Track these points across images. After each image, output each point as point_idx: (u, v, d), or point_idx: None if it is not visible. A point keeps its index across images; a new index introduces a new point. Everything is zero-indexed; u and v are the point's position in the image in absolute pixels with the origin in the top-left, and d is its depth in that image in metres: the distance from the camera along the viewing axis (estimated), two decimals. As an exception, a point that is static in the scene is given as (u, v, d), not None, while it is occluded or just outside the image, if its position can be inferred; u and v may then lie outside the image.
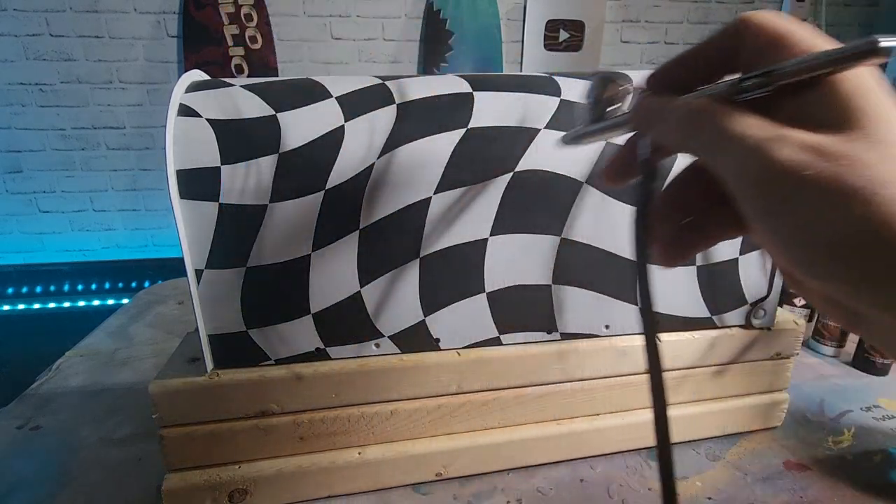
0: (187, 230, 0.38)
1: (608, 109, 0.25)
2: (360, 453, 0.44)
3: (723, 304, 0.48)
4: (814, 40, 0.18)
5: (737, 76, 0.19)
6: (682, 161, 0.23)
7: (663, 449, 0.21)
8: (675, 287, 0.46)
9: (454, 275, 0.42)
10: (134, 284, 2.03)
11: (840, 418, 0.57)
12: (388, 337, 0.43)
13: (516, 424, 0.47)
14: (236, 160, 0.38)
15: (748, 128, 0.18)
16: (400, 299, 0.42)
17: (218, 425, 0.41)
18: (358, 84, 0.42)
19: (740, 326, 0.49)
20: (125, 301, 0.93)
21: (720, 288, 0.48)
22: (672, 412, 0.20)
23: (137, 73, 1.97)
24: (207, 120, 0.38)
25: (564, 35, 2.13)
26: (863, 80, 0.17)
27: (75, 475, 0.48)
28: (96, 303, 1.99)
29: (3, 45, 1.87)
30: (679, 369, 0.49)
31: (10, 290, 1.97)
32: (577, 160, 0.41)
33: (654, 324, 0.22)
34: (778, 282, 0.48)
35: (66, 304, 1.98)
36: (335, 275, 0.41)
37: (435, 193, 0.40)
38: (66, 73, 1.93)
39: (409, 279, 0.42)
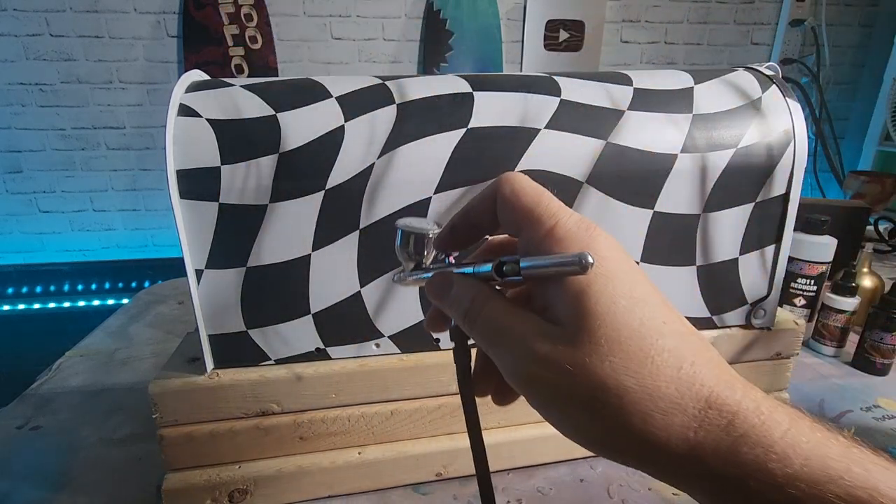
0: (187, 230, 0.38)
1: (424, 254, 0.27)
2: (360, 453, 0.44)
3: (723, 304, 0.48)
4: (553, 219, 0.20)
5: (498, 259, 0.22)
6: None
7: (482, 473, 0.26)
8: (675, 287, 0.46)
9: (454, 275, 0.42)
10: (134, 284, 2.02)
11: (840, 418, 0.57)
12: (388, 337, 0.43)
13: (516, 424, 0.47)
14: (236, 160, 0.38)
15: (510, 329, 0.21)
16: (400, 299, 0.42)
17: (218, 425, 0.41)
18: (358, 84, 0.42)
19: (740, 326, 0.49)
20: (125, 301, 0.93)
21: (720, 288, 0.48)
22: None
23: (137, 73, 1.97)
24: (207, 120, 0.38)
25: (564, 35, 2.13)
26: (590, 278, 0.19)
27: (75, 475, 0.48)
28: (96, 303, 1.98)
29: (3, 45, 1.86)
30: (679, 369, 0.48)
31: (10, 290, 1.97)
32: (577, 160, 0.41)
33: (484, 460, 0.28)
34: (778, 282, 0.48)
35: (66, 304, 1.98)
36: (335, 275, 0.41)
37: (435, 193, 0.40)
38: (66, 73, 1.93)
39: (409, 279, 0.42)
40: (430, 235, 0.25)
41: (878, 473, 0.16)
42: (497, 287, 0.23)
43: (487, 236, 0.25)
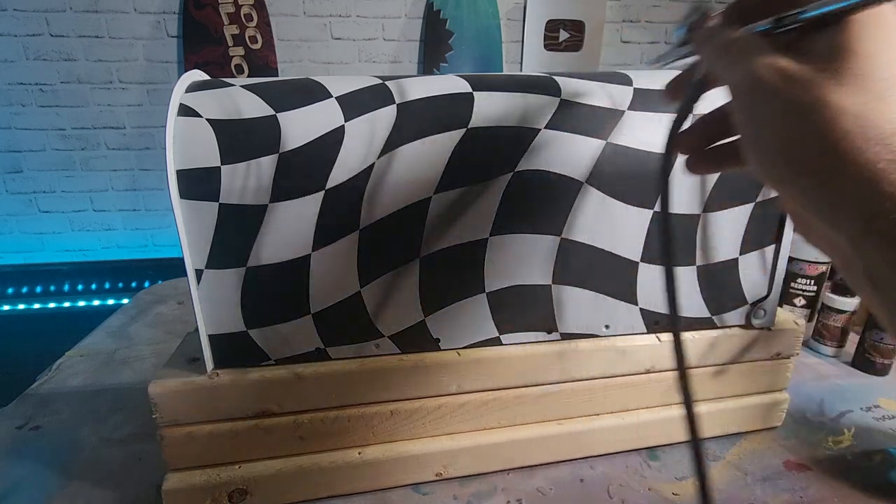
0: (187, 230, 0.38)
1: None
2: (360, 453, 0.44)
3: (723, 303, 0.48)
4: None
5: (781, 14, 0.22)
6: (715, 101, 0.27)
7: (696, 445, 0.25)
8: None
9: (454, 275, 0.42)
10: (134, 284, 2.02)
11: (840, 418, 0.57)
12: (388, 337, 0.43)
13: (516, 424, 0.47)
14: (236, 160, 0.38)
15: (754, 53, 0.22)
16: (400, 299, 0.42)
17: (218, 425, 0.41)
18: (358, 84, 0.42)
19: (740, 326, 0.49)
20: (125, 301, 0.93)
21: (720, 288, 0.48)
22: (672, 412, 0.21)
23: (137, 73, 1.97)
24: (207, 120, 0.38)
25: (564, 35, 2.13)
26: (871, 22, 0.20)
27: (75, 475, 0.48)
28: (96, 303, 1.98)
29: (3, 45, 1.86)
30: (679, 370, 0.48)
31: (10, 290, 1.97)
32: (577, 160, 0.41)
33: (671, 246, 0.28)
34: (778, 282, 0.48)
35: (66, 304, 1.98)
36: (335, 275, 0.41)
37: (435, 193, 0.40)
38: (66, 73, 1.93)
39: (409, 279, 0.42)
40: (715, 13, 0.27)
41: None
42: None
43: None
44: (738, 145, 0.26)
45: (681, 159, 0.30)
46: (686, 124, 0.28)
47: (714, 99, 0.27)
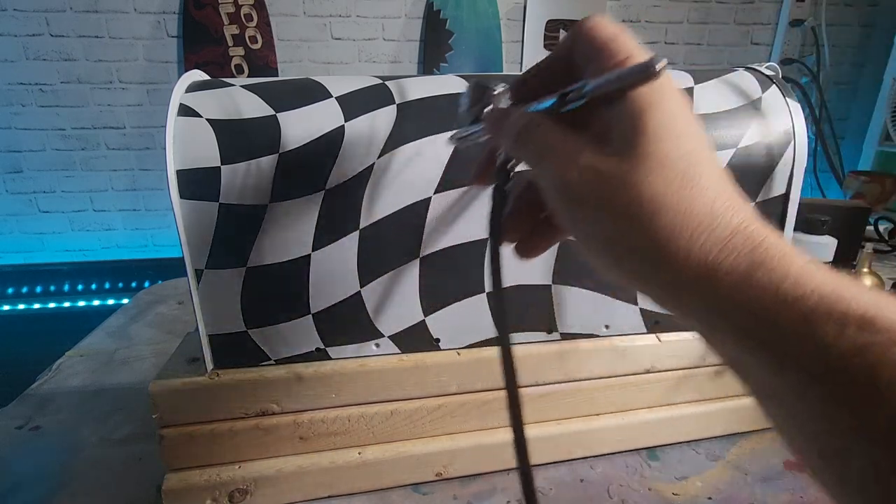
0: (187, 230, 0.38)
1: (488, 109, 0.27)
2: (360, 453, 0.44)
3: (723, 304, 0.48)
4: (627, 51, 0.20)
5: (562, 90, 0.22)
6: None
7: (523, 463, 0.25)
8: (675, 287, 0.46)
9: (454, 275, 0.42)
10: (134, 284, 2.02)
11: (840, 418, 0.57)
12: (388, 337, 0.43)
13: (516, 424, 0.47)
14: (236, 160, 0.38)
15: (556, 146, 0.21)
16: (400, 299, 0.42)
17: (218, 425, 0.41)
18: (358, 84, 0.42)
19: (740, 326, 0.49)
20: (125, 301, 0.93)
21: (720, 288, 0.47)
22: (672, 412, 0.21)
23: (137, 73, 1.97)
24: (207, 120, 0.38)
25: (564, 35, 2.13)
26: (651, 96, 0.20)
27: (75, 475, 0.48)
28: (96, 303, 1.98)
29: (3, 45, 1.87)
30: (679, 369, 0.49)
31: (10, 290, 1.97)
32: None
33: (505, 320, 0.27)
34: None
35: (66, 304, 1.98)
36: (335, 275, 0.41)
37: (435, 193, 0.40)
38: (66, 73, 1.93)
39: (409, 279, 0.42)
40: (499, 90, 0.26)
41: (889, 302, 0.16)
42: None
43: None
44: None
45: (509, 248, 0.28)
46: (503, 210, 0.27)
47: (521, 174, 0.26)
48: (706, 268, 0.18)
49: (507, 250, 0.27)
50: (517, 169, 0.26)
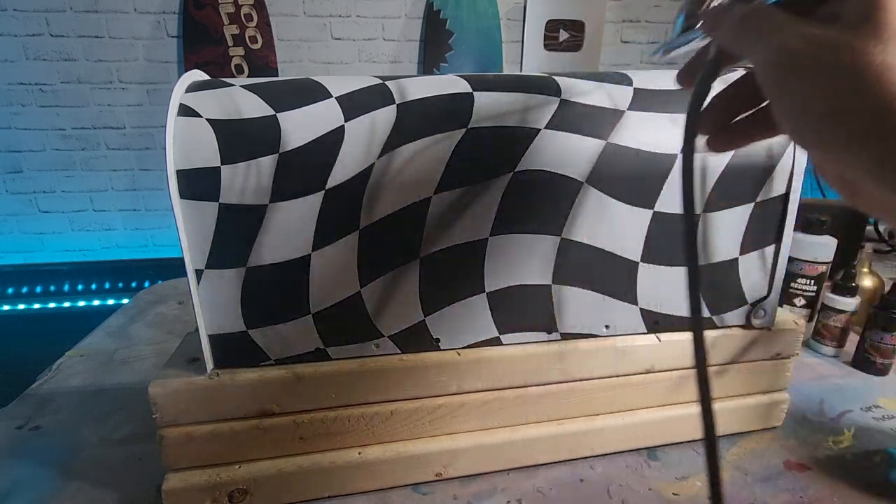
0: (187, 230, 0.38)
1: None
2: (360, 453, 0.44)
3: (723, 303, 0.48)
4: None
5: None
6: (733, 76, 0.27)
7: (710, 442, 0.25)
8: (675, 287, 0.46)
9: (454, 275, 0.42)
10: (134, 284, 2.02)
11: (840, 418, 0.57)
12: (388, 337, 0.43)
13: (516, 424, 0.47)
14: (236, 160, 0.38)
15: (779, 24, 0.21)
16: (400, 299, 0.42)
17: (218, 425, 0.41)
18: (358, 84, 0.42)
19: (740, 326, 0.49)
20: (125, 301, 0.93)
21: (720, 288, 0.48)
22: (672, 412, 0.21)
23: (137, 73, 1.97)
24: (207, 120, 0.38)
25: (564, 35, 2.13)
26: None
27: (75, 475, 0.48)
28: (96, 303, 1.98)
29: (3, 45, 1.86)
30: (679, 369, 0.49)
31: (10, 290, 1.97)
32: (577, 160, 0.41)
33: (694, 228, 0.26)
34: (778, 282, 0.48)
35: (66, 304, 1.98)
36: (335, 275, 0.41)
37: (435, 193, 0.40)
38: (66, 73, 1.93)
39: (409, 279, 0.42)
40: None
41: None
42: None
43: None
44: (763, 116, 0.26)
45: (701, 140, 0.29)
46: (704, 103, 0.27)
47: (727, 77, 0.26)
48: None
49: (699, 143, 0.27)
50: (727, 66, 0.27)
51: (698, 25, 0.27)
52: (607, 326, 0.47)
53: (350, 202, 0.39)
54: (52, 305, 1.97)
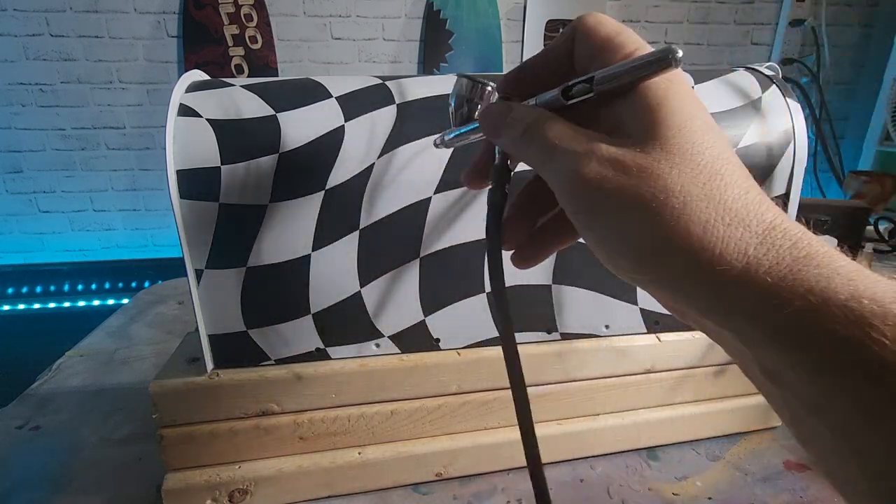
0: (187, 230, 0.38)
1: (476, 112, 0.25)
2: (360, 453, 0.44)
3: (723, 304, 0.48)
4: (635, 45, 0.20)
5: (565, 84, 0.21)
6: (528, 173, 0.24)
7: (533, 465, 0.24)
8: (675, 287, 0.46)
9: (454, 275, 0.42)
10: (134, 284, 2.02)
11: (840, 418, 0.57)
12: (388, 337, 0.43)
13: (516, 424, 0.47)
14: (236, 160, 0.38)
15: (568, 141, 0.19)
16: (400, 299, 0.42)
17: (218, 425, 0.41)
18: (358, 84, 0.42)
19: (740, 326, 0.49)
20: (125, 301, 0.93)
21: (720, 288, 0.47)
22: (672, 412, 0.21)
23: (137, 73, 1.97)
24: (207, 120, 0.38)
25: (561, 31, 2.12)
26: (667, 88, 0.18)
27: (75, 475, 0.48)
28: (96, 303, 1.98)
29: (3, 45, 1.87)
30: (679, 369, 0.49)
31: (10, 290, 1.97)
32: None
33: (509, 326, 0.25)
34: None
35: (66, 304, 1.98)
36: (335, 275, 0.41)
37: (435, 193, 0.40)
38: (66, 73, 1.93)
39: (409, 279, 0.42)
40: (490, 87, 0.24)
41: None
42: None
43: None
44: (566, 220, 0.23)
45: (507, 255, 0.26)
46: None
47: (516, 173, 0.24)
48: (746, 264, 0.16)
49: (505, 257, 0.25)
50: (516, 169, 0.25)
51: (474, 125, 0.25)
52: (607, 326, 0.47)
53: (350, 202, 0.39)
54: (52, 305, 1.97)
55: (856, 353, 0.14)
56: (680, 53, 0.17)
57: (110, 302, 1.98)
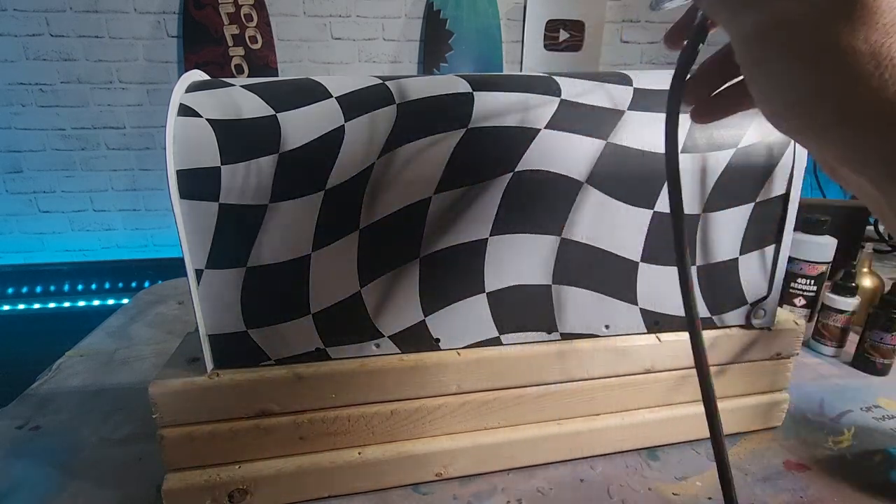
0: (187, 230, 0.38)
1: None
2: (360, 453, 0.44)
3: (723, 303, 0.48)
4: None
5: None
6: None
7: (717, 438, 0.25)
8: (675, 287, 0.46)
9: (454, 275, 0.42)
10: (134, 284, 2.02)
11: (840, 418, 0.57)
12: (388, 337, 0.43)
13: (516, 424, 0.47)
14: (236, 160, 0.38)
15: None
16: (400, 299, 0.42)
17: (218, 425, 0.41)
18: (358, 84, 0.42)
19: (740, 326, 0.49)
20: (125, 301, 0.93)
21: (720, 288, 0.48)
22: (672, 412, 0.21)
23: (137, 73, 1.97)
24: (207, 120, 0.38)
25: (564, 35, 2.13)
26: None
27: (75, 475, 0.48)
28: (96, 303, 1.98)
29: (3, 45, 1.86)
30: (679, 369, 0.49)
31: (10, 290, 1.97)
32: (577, 160, 0.41)
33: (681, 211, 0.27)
34: (778, 282, 0.48)
35: (66, 304, 1.98)
36: (335, 275, 0.41)
37: (435, 193, 0.40)
38: (66, 73, 1.93)
39: (409, 279, 0.42)
40: None
41: None
42: None
43: None
44: (744, 89, 0.25)
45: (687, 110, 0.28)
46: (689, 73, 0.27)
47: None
48: (891, 113, 0.17)
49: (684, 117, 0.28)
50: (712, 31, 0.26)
51: None
52: (607, 326, 0.47)
53: (350, 202, 0.39)
54: (52, 305, 1.97)
55: None
56: None
57: (110, 302, 1.98)
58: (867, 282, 0.76)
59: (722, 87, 0.27)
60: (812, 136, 0.20)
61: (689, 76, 0.27)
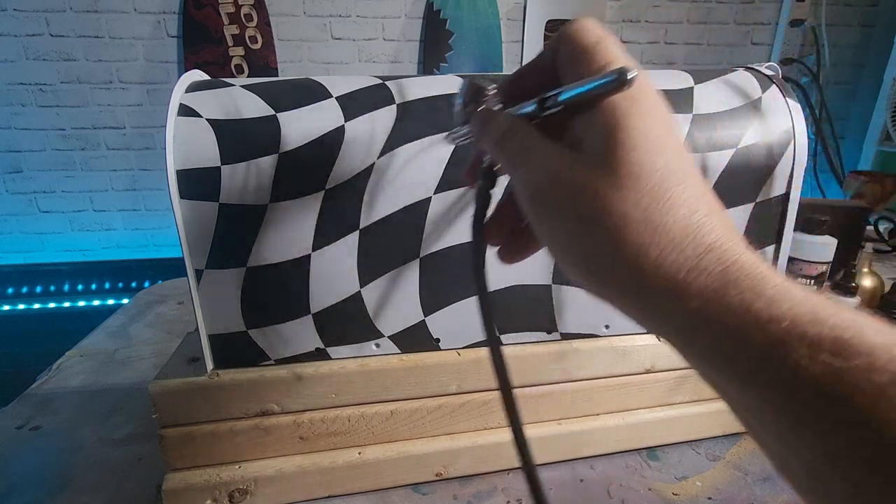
0: (187, 230, 0.38)
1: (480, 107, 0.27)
2: (360, 453, 0.44)
3: (723, 304, 0.48)
4: (605, 59, 0.20)
5: (542, 94, 0.22)
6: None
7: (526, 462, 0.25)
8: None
9: (454, 275, 0.42)
10: (134, 284, 2.02)
11: (840, 418, 0.57)
12: (388, 337, 0.43)
13: (516, 424, 0.47)
14: (236, 160, 0.38)
15: (531, 152, 0.21)
16: (400, 299, 0.42)
17: (218, 425, 0.41)
18: (358, 84, 0.42)
19: (740, 326, 0.49)
20: (125, 301, 0.93)
21: (720, 288, 0.47)
22: (672, 412, 0.21)
23: (137, 73, 1.97)
24: (207, 120, 0.38)
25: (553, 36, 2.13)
26: (628, 106, 0.19)
27: (75, 475, 0.48)
28: (96, 303, 1.98)
29: (3, 45, 1.86)
30: (679, 369, 0.49)
31: (10, 290, 1.97)
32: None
33: (492, 325, 0.27)
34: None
35: (66, 304, 1.98)
36: (335, 275, 0.41)
37: (435, 193, 0.40)
38: (66, 73, 1.93)
39: (409, 279, 0.42)
40: (492, 90, 0.26)
41: (868, 324, 0.15)
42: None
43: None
44: None
45: (493, 252, 0.28)
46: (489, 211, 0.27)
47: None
48: (675, 286, 0.17)
49: (490, 253, 0.27)
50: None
51: (472, 124, 0.27)
52: (607, 326, 0.47)
53: (350, 202, 0.39)
54: (52, 305, 1.97)
55: (769, 372, 0.15)
56: (632, 74, 0.18)
57: (110, 302, 1.97)
58: (867, 282, 0.76)
59: (522, 225, 0.27)
60: (607, 301, 0.20)
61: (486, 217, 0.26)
